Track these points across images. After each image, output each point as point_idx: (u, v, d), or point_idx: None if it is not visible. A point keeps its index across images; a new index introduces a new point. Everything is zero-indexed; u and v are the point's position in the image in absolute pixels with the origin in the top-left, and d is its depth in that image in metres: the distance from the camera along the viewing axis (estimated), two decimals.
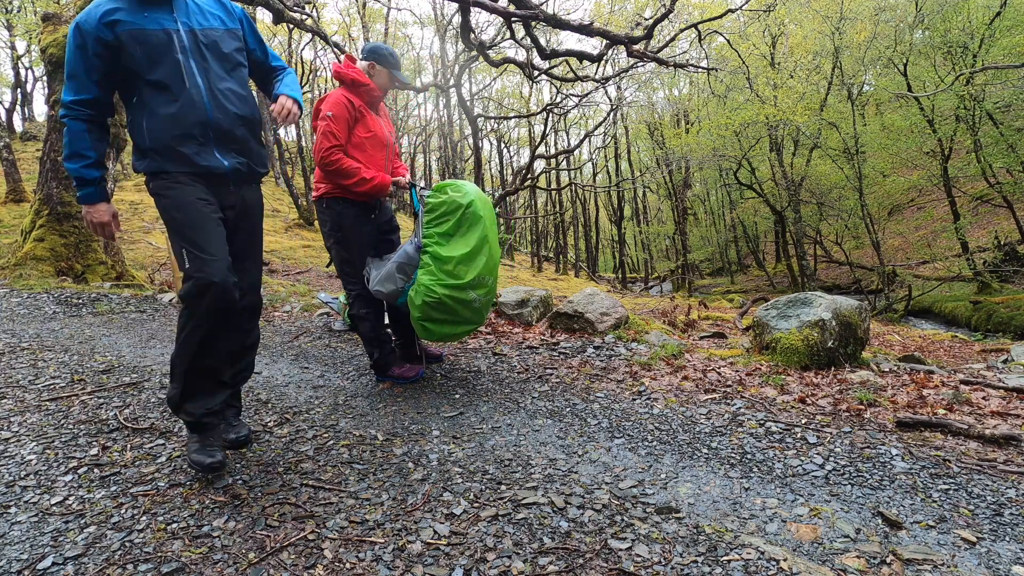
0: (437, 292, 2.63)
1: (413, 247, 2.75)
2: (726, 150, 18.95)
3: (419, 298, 2.66)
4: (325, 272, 11.94)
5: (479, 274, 2.67)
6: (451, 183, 2.80)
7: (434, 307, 2.66)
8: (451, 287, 2.64)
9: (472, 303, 2.70)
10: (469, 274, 2.65)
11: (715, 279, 29.60)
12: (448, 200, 2.70)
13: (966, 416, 2.36)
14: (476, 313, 2.77)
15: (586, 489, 1.78)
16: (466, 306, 2.70)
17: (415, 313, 2.72)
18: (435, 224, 2.70)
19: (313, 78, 23.13)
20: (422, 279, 2.67)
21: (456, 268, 2.64)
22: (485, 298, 2.76)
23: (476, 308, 2.75)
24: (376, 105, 2.93)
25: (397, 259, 2.75)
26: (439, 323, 2.74)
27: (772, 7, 11.52)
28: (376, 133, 2.86)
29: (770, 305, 3.46)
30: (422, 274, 2.68)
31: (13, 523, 1.61)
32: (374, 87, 2.82)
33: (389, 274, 2.74)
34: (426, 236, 2.71)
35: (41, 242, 6.54)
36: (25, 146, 20.81)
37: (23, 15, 17.97)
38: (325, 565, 1.41)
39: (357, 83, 2.79)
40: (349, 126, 2.75)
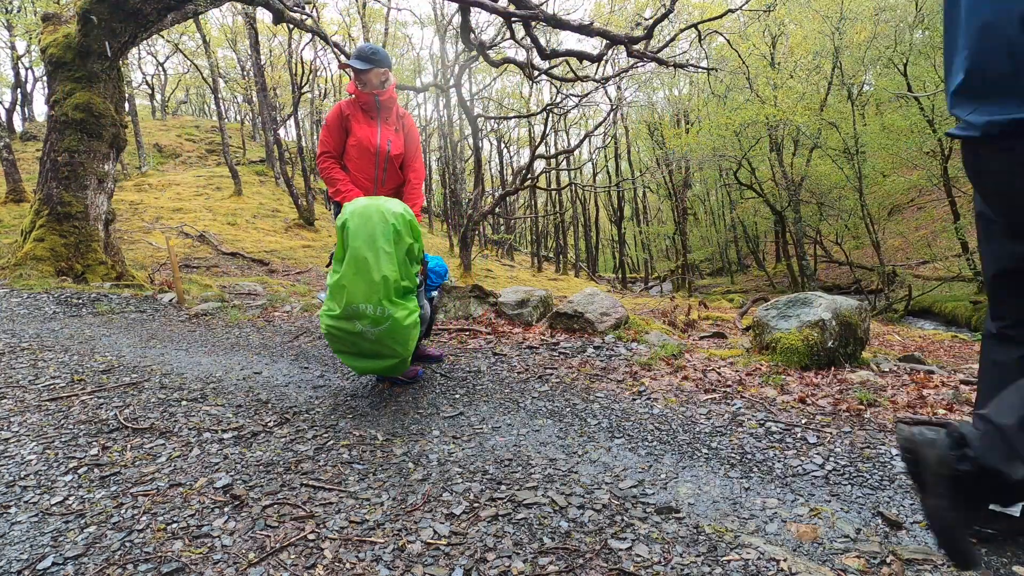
0: (324, 323, 2.46)
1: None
2: (726, 150, 18.96)
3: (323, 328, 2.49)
4: (325, 272, 11.93)
5: (348, 302, 2.35)
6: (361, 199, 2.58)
7: (331, 339, 2.48)
8: (333, 317, 2.41)
9: (364, 334, 2.40)
10: (338, 303, 2.39)
11: (715, 279, 29.62)
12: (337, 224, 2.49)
13: (966, 416, 2.35)
14: (381, 345, 2.45)
15: (586, 489, 1.78)
16: (360, 337, 2.42)
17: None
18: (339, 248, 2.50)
19: (313, 78, 23.13)
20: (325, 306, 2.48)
21: (331, 295, 2.43)
22: (379, 329, 2.39)
23: (375, 340, 2.42)
24: (370, 111, 2.86)
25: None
26: (347, 355, 2.54)
27: (772, 7, 11.52)
28: (360, 141, 2.84)
29: (770, 305, 3.46)
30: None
31: (13, 523, 1.61)
32: (355, 92, 2.84)
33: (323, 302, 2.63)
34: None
35: (41, 242, 6.54)
36: (25, 146, 20.82)
37: (23, 15, 17.97)
38: (325, 565, 1.41)
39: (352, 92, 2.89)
40: (342, 134, 2.84)
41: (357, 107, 2.85)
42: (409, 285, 2.49)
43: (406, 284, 2.47)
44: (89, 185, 6.78)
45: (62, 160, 6.64)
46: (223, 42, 26.13)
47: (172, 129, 28.75)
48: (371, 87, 2.81)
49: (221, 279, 9.39)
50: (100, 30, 6.62)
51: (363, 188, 2.89)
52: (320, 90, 28.10)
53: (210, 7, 7.78)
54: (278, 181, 21.93)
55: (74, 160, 6.67)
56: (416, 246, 2.54)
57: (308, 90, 23.01)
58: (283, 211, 18.72)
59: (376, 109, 2.86)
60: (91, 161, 6.79)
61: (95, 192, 6.85)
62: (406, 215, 2.49)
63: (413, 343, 2.53)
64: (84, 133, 6.72)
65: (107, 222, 7.09)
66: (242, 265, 12.18)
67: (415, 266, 2.59)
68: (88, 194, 6.77)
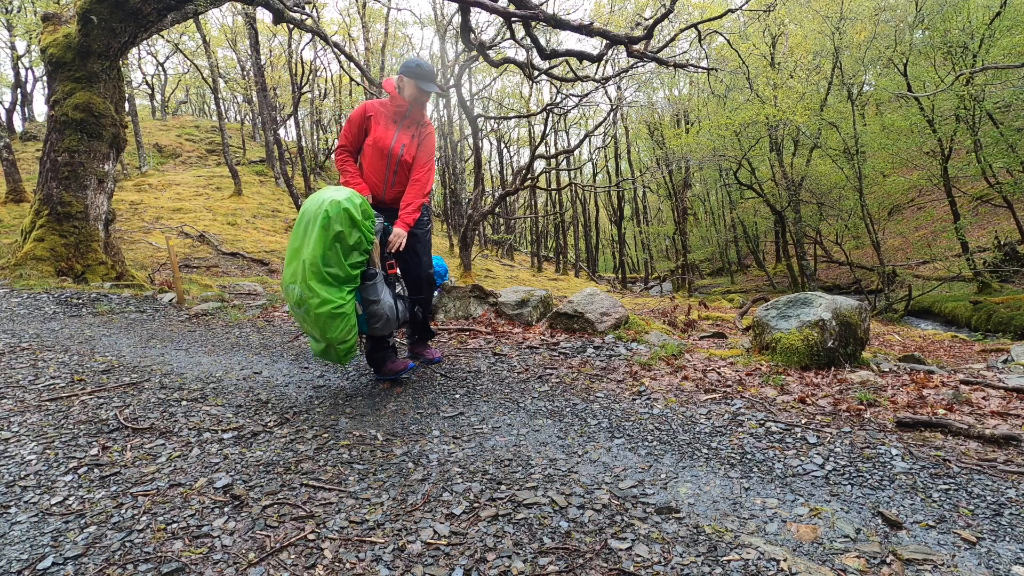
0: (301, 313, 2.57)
1: None
2: (726, 150, 18.96)
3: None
4: None
5: (283, 282, 2.61)
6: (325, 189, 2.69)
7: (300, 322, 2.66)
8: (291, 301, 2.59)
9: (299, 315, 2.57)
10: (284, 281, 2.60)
11: (715, 279, 29.62)
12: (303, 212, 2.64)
13: (966, 416, 2.36)
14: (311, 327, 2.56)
15: (586, 489, 1.78)
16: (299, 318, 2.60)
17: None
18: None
19: (313, 78, 23.13)
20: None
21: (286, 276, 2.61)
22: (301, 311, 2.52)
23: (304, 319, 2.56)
24: (402, 116, 2.98)
25: None
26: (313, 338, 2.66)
27: (772, 7, 11.52)
28: (378, 142, 2.93)
29: (770, 305, 3.46)
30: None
31: (13, 523, 1.61)
32: (399, 98, 2.92)
33: None
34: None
35: (41, 242, 6.54)
36: (25, 146, 20.81)
37: (23, 15, 17.97)
38: (325, 565, 1.41)
39: (384, 91, 3.02)
40: (361, 132, 2.98)
41: (385, 110, 2.97)
42: (338, 273, 2.49)
43: (334, 271, 2.47)
44: (89, 185, 6.78)
45: (62, 160, 6.64)
46: (223, 42, 26.12)
47: (172, 129, 28.75)
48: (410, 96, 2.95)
49: (221, 279, 9.39)
50: (100, 30, 6.62)
51: (374, 186, 2.98)
52: (320, 90, 28.12)
53: (210, 7, 7.78)
54: (278, 181, 21.93)
55: (74, 160, 6.67)
56: (354, 236, 2.51)
57: (308, 90, 23.01)
58: (283, 211, 18.72)
59: (404, 116, 2.99)
60: (91, 161, 6.79)
61: (95, 192, 6.85)
62: (344, 204, 2.49)
63: (337, 333, 2.53)
64: (84, 133, 6.72)
65: (107, 222, 7.09)
66: (242, 265, 12.17)
67: (356, 256, 2.55)
68: (88, 194, 6.76)
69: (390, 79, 3.00)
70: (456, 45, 19.47)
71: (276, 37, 23.25)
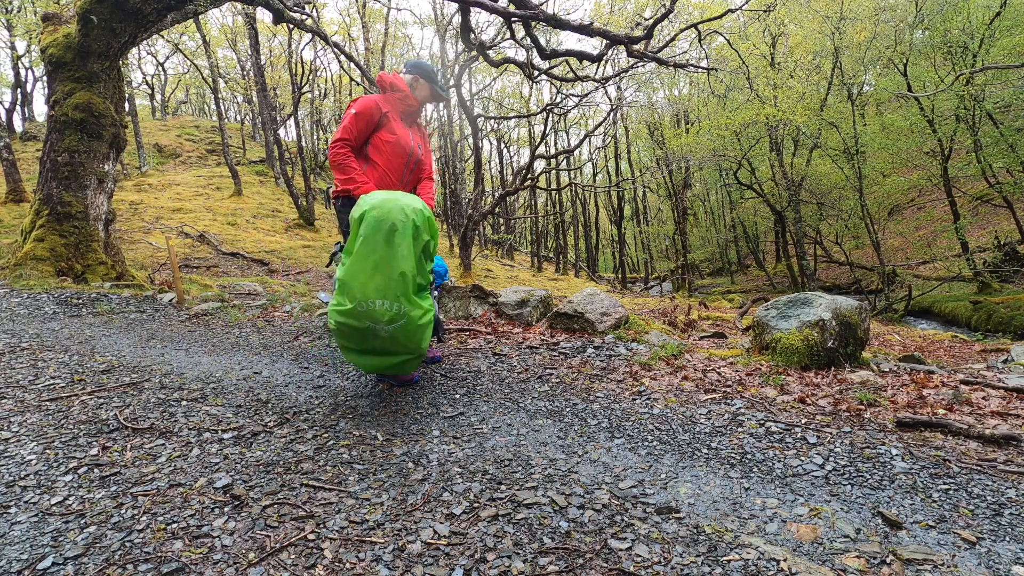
0: (332, 319, 2.37)
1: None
2: (726, 150, 18.97)
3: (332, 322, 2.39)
4: (325, 272, 11.94)
5: (364, 298, 2.28)
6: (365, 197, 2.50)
7: (340, 334, 2.39)
8: (343, 313, 2.32)
9: (376, 330, 2.34)
10: (349, 298, 2.31)
11: (715, 279, 29.63)
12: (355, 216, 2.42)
13: (966, 416, 2.35)
14: (394, 342, 2.38)
15: (586, 489, 1.78)
16: (362, 333, 2.34)
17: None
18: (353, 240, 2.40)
19: (313, 78, 23.13)
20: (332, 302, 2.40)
21: (339, 290, 2.35)
22: (394, 326, 2.32)
23: (387, 337, 2.36)
24: (410, 116, 3.00)
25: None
26: (353, 352, 2.45)
27: (772, 7, 11.52)
28: (400, 139, 2.89)
29: (770, 305, 3.46)
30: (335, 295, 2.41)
31: (13, 523, 1.61)
32: (411, 97, 2.93)
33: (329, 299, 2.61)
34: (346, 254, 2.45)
35: (41, 242, 6.54)
36: (25, 146, 20.82)
37: (23, 15, 17.97)
38: (325, 565, 1.41)
39: (396, 87, 2.92)
40: (370, 127, 2.82)
41: (395, 107, 2.93)
42: (423, 282, 2.46)
43: (420, 281, 2.43)
44: (89, 185, 6.78)
45: (62, 160, 6.64)
46: (223, 42, 26.13)
47: (172, 129, 28.75)
48: (422, 98, 2.99)
49: (221, 279, 9.39)
50: (100, 30, 6.62)
51: (389, 185, 2.91)
52: (320, 90, 28.12)
53: (210, 7, 7.78)
54: (278, 181, 21.93)
55: (74, 160, 6.67)
56: (432, 243, 2.52)
57: (308, 90, 23.01)
58: (283, 211, 18.72)
59: (413, 116, 3.02)
60: (91, 161, 6.79)
61: (95, 192, 6.85)
62: (425, 211, 2.49)
63: (426, 342, 2.50)
64: (84, 133, 6.72)
65: (107, 222, 7.09)
66: (242, 265, 12.17)
67: (429, 263, 2.56)
68: (88, 194, 6.77)
69: (395, 75, 2.96)
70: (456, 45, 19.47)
71: (276, 37, 23.26)
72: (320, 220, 18.90)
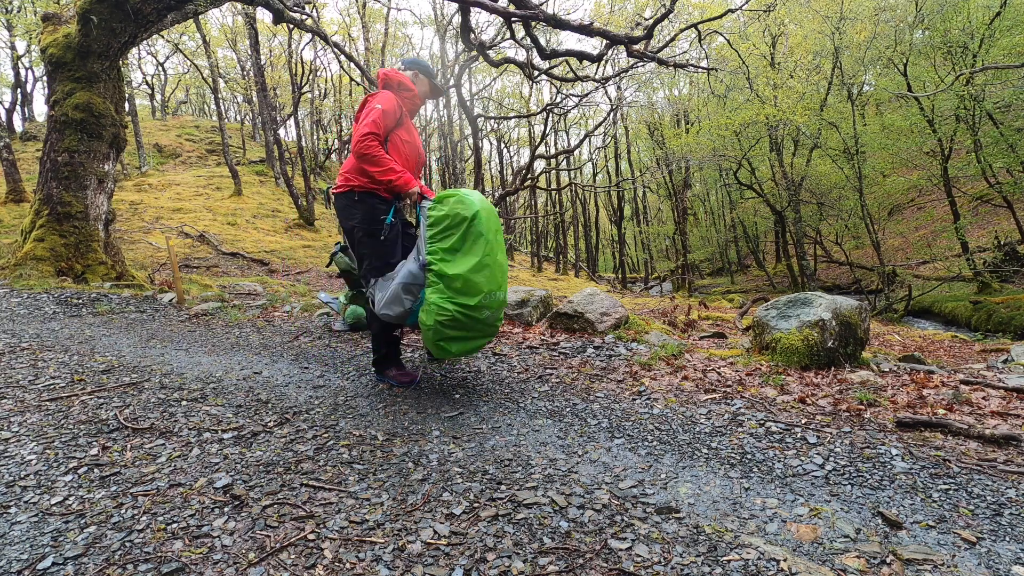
0: (449, 309, 2.51)
1: (417, 265, 2.61)
2: (726, 150, 18.97)
3: (430, 318, 2.53)
4: (325, 272, 11.94)
5: (488, 290, 2.55)
6: (453, 193, 2.65)
7: (447, 325, 2.54)
8: (462, 305, 2.51)
9: (486, 319, 2.60)
10: (478, 291, 2.52)
11: (715, 279, 29.63)
12: (451, 213, 2.56)
13: (966, 416, 2.36)
14: (490, 327, 2.68)
15: (586, 489, 1.78)
16: (479, 321, 2.59)
17: (428, 334, 2.58)
18: (439, 239, 2.57)
19: (313, 78, 23.13)
20: (431, 298, 2.54)
21: (464, 285, 2.51)
22: (497, 311, 2.67)
23: (490, 322, 2.65)
24: (414, 114, 3.03)
25: (401, 279, 2.62)
26: (453, 340, 2.62)
27: (772, 7, 11.52)
28: (414, 141, 2.95)
29: (770, 305, 3.46)
30: (430, 293, 2.55)
31: (13, 523, 1.61)
32: (417, 94, 2.96)
33: (395, 296, 2.62)
34: (430, 252, 2.57)
35: (41, 242, 6.54)
36: (25, 146, 20.82)
37: (23, 15, 17.97)
38: (325, 565, 1.41)
39: (404, 86, 2.90)
40: (393, 125, 2.82)
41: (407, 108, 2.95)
42: None
43: None
44: (89, 185, 6.78)
45: (62, 160, 6.64)
46: (223, 42, 26.13)
47: (172, 129, 28.75)
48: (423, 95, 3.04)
49: (221, 279, 9.39)
50: (100, 30, 6.62)
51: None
52: (320, 90, 28.11)
53: (210, 7, 7.78)
54: (278, 181, 21.93)
55: (74, 160, 6.67)
56: None
57: (308, 90, 23.01)
58: (283, 211, 18.72)
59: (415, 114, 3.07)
60: (91, 161, 6.79)
61: (95, 192, 6.85)
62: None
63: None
64: (84, 133, 6.72)
65: (107, 222, 7.09)
66: (242, 265, 12.17)
67: None
68: (88, 194, 6.77)
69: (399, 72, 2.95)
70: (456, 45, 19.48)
71: (276, 37, 23.25)
72: (320, 220, 18.90)
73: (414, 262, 2.65)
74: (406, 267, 2.67)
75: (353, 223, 2.83)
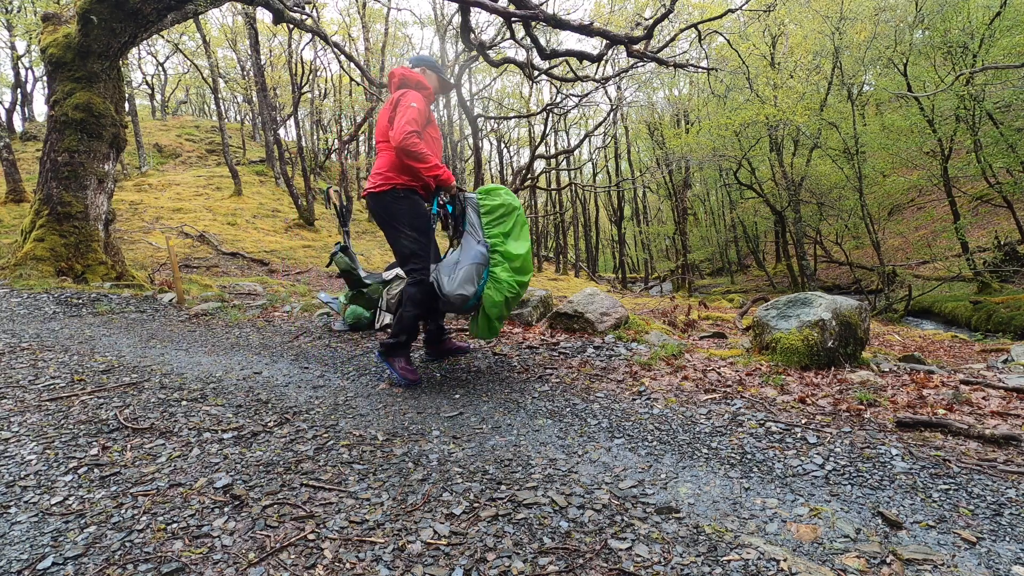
0: (515, 286, 2.83)
1: (484, 247, 2.87)
2: (726, 150, 18.97)
3: (500, 295, 2.82)
4: (325, 272, 11.94)
5: (530, 270, 2.92)
6: (494, 187, 3.00)
7: (511, 301, 2.87)
8: (520, 283, 2.86)
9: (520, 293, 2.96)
10: (529, 270, 2.89)
11: (715, 279, 29.63)
12: (505, 203, 2.92)
13: (966, 416, 2.35)
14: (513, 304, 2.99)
15: (586, 489, 1.78)
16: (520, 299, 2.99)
17: (494, 311, 2.85)
18: (495, 224, 2.90)
19: (313, 78, 23.12)
20: (502, 276, 2.82)
21: (522, 264, 2.86)
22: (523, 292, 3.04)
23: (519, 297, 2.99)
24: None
25: (473, 260, 2.83)
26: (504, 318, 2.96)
27: (772, 7, 11.52)
28: (439, 137, 3.04)
29: (770, 305, 3.46)
30: (500, 271, 2.83)
31: (13, 523, 1.61)
32: (432, 91, 3.02)
33: (468, 276, 2.82)
34: (490, 236, 2.87)
35: (41, 242, 6.54)
36: (25, 146, 20.82)
37: (23, 15, 17.97)
38: (325, 565, 1.41)
39: (422, 84, 2.97)
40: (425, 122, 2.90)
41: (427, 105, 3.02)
42: None
43: None
44: (89, 185, 6.78)
45: (62, 160, 6.64)
46: (223, 42, 26.12)
47: (172, 129, 28.74)
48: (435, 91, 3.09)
49: (221, 279, 9.39)
50: (100, 30, 6.62)
51: None
52: (320, 90, 28.10)
53: (210, 7, 7.78)
54: (278, 181, 21.92)
55: (74, 160, 6.67)
56: None
57: (308, 90, 23.00)
58: (283, 211, 18.72)
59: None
60: (91, 161, 6.79)
61: (95, 192, 6.85)
62: None
63: None
64: (84, 133, 6.72)
65: (107, 222, 7.09)
66: (242, 265, 12.18)
67: None
68: (88, 194, 6.77)
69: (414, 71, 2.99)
70: (456, 45, 19.48)
71: (276, 37, 23.25)
72: (320, 220, 18.90)
73: (480, 245, 2.88)
74: (474, 249, 2.87)
75: (399, 220, 2.91)
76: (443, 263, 2.92)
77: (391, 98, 2.94)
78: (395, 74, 3.02)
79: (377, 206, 2.96)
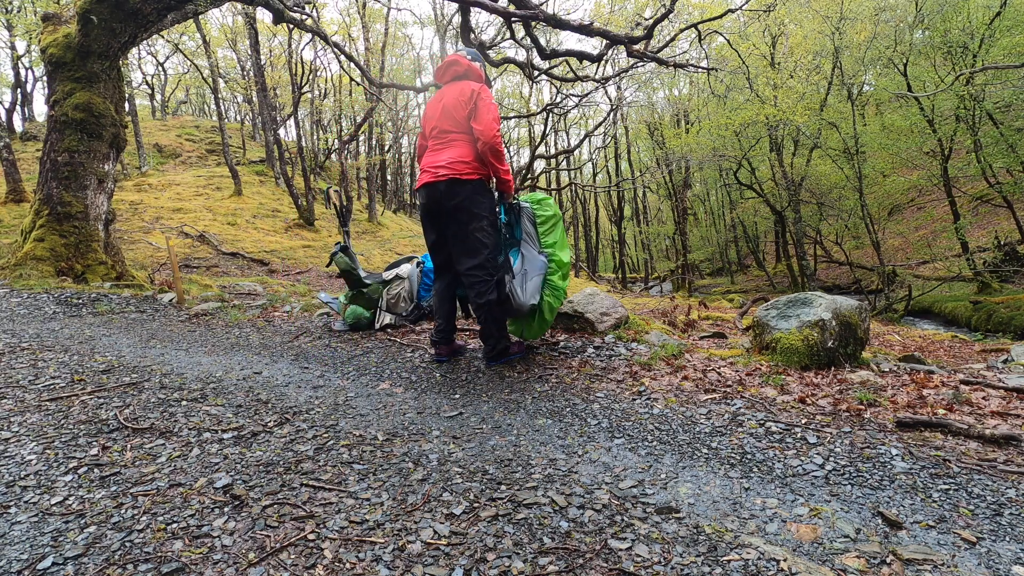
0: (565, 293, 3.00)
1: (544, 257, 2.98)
2: (726, 150, 18.97)
3: (558, 301, 3.00)
4: (325, 272, 11.94)
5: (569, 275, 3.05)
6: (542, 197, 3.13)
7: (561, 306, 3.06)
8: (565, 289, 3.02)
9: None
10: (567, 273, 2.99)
11: (715, 279, 29.63)
12: (556, 213, 3.05)
13: (966, 416, 2.35)
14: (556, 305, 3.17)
15: (586, 489, 1.78)
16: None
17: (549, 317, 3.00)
18: (548, 233, 3.01)
19: (313, 78, 23.12)
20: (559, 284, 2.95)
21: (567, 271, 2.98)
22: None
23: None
24: None
25: (540, 272, 2.95)
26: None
27: (772, 7, 11.52)
28: None
29: (770, 305, 3.46)
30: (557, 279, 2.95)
31: (13, 523, 1.61)
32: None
33: (537, 287, 2.95)
34: (546, 245, 2.98)
35: (41, 242, 6.54)
36: (25, 146, 20.81)
37: (23, 15, 17.96)
38: (325, 565, 1.41)
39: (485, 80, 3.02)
40: None
41: None
42: None
43: None
44: (89, 185, 6.78)
45: (62, 160, 6.64)
46: (223, 42, 26.11)
47: (172, 129, 28.74)
48: None
49: (221, 279, 9.39)
50: (100, 30, 6.62)
51: None
52: (320, 90, 28.09)
53: (210, 7, 7.78)
54: (278, 181, 21.92)
55: (74, 160, 6.67)
56: None
57: (308, 90, 22.99)
58: (283, 211, 18.72)
59: None
60: (91, 161, 6.79)
61: (95, 192, 6.84)
62: None
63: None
64: (84, 133, 6.72)
65: (107, 222, 7.09)
66: (242, 265, 12.18)
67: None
68: (88, 194, 6.76)
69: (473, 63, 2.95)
70: (456, 45, 19.47)
71: (276, 37, 23.24)
72: (320, 220, 18.90)
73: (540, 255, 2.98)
74: (538, 260, 2.98)
75: (483, 210, 2.86)
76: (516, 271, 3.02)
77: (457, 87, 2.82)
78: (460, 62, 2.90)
79: (460, 192, 2.82)
